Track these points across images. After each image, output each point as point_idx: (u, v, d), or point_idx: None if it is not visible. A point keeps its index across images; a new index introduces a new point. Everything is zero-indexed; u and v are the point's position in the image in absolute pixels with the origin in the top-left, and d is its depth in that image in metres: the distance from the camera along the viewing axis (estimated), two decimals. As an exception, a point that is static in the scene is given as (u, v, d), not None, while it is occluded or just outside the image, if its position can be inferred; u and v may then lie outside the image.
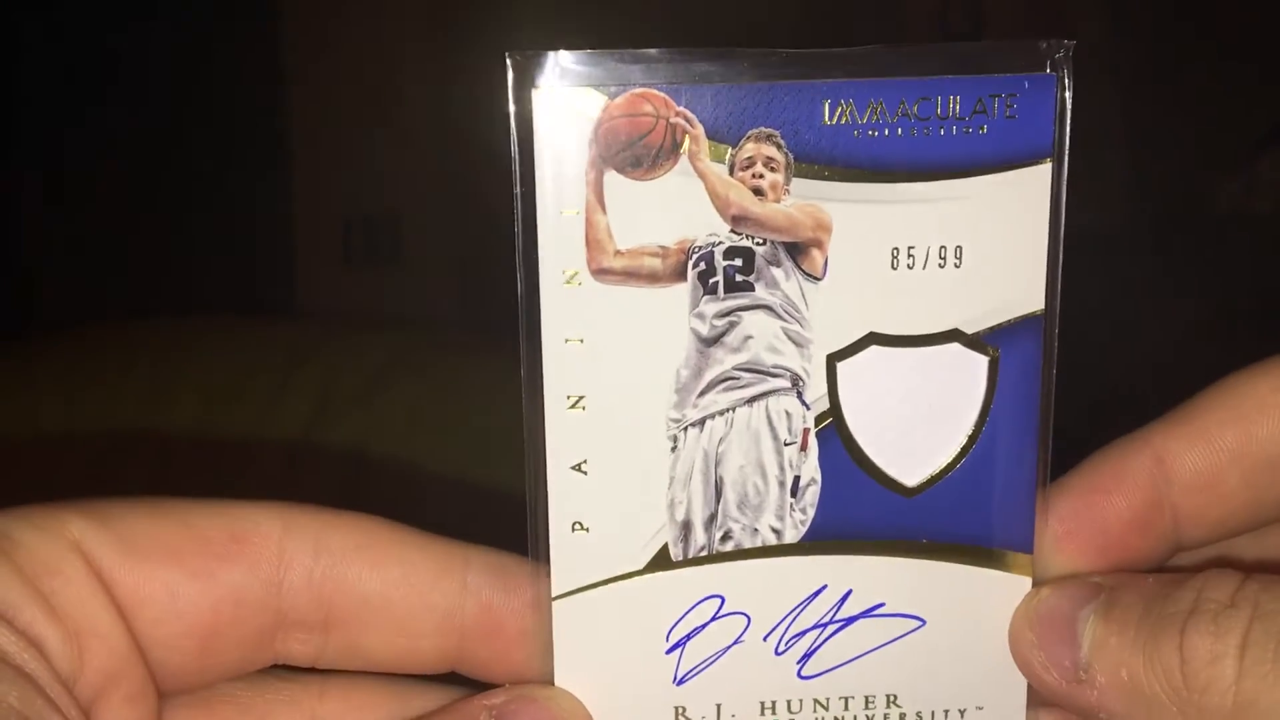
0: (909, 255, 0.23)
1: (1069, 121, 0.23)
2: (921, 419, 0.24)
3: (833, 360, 0.23)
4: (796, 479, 0.24)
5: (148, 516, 0.23)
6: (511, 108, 0.22)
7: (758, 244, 0.23)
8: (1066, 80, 0.23)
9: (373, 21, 1.13)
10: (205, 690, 0.24)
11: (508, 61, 0.22)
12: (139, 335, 0.71)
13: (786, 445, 0.24)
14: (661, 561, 0.24)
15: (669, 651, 0.24)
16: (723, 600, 0.24)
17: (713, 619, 0.24)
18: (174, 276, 1.02)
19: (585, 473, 0.23)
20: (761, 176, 0.22)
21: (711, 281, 0.23)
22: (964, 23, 1.02)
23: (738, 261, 0.23)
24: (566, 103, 0.22)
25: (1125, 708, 0.22)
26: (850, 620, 0.24)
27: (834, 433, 0.24)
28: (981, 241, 0.23)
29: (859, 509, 0.24)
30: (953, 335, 0.24)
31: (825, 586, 0.24)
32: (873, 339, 0.23)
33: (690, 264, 0.23)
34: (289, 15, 1.14)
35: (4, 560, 0.21)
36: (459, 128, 1.12)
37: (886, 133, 0.23)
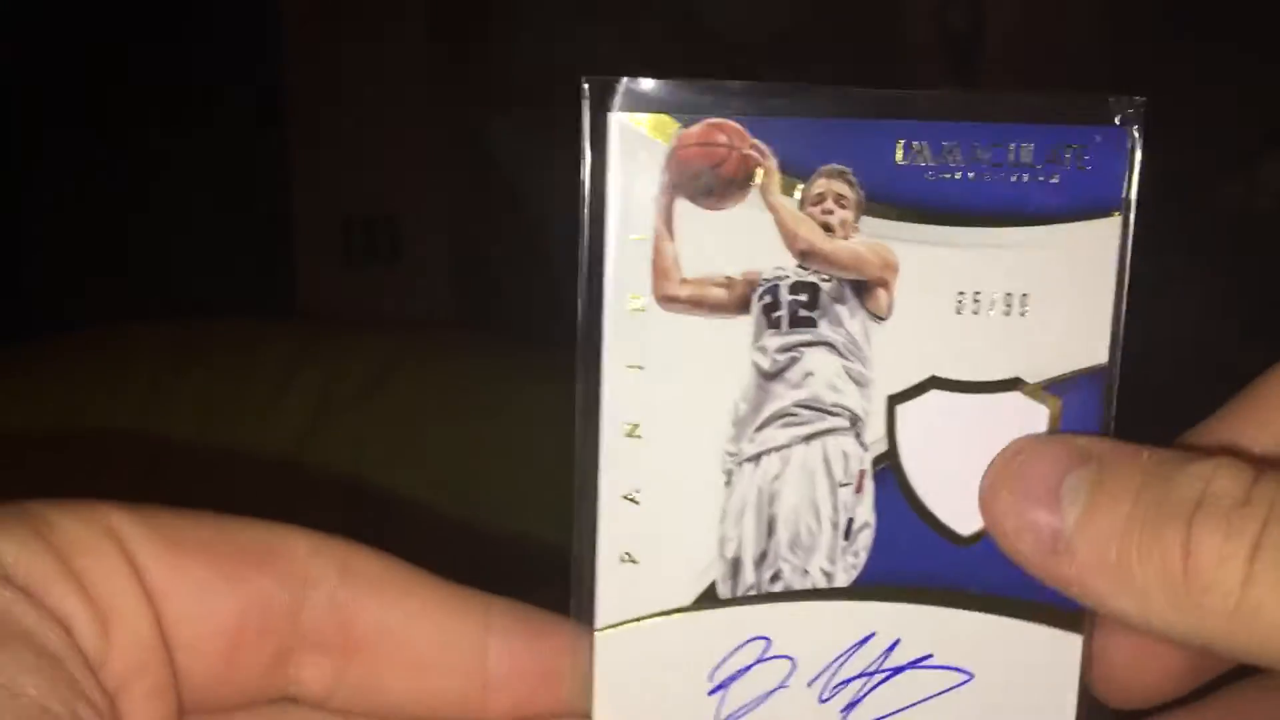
0: (974, 300, 0.23)
1: (1137, 177, 0.23)
2: (979, 467, 0.24)
3: (893, 402, 0.23)
4: (850, 521, 0.23)
5: (183, 517, 0.23)
6: (586, 130, 0.22)
7: (824, 280, 0.23)
8: (1137, 136, 0.23)
9: (373, 22, 1.14)
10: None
11: (583, 84, 0.22)
12: (138, 336, 0.71)
13: (842, 486, 0.23)
14: (709, 599, 0.23)
15: (712, 693, 0.24)
16: (769, 642, 0.24)
17: (758, 661, 0.24)
18: (173, 277, 1.02)
19: (637, 502, 0.23)
20: (831, 213, 0.22)
21: (775, 315, 0.23)
22: (964, 22, 1.02)
23: (803, 297, 0.23)
24: (641, 128, 0.22)
25: (1107, 588, 0.21)
26: (897, 670, 0.24)
27: (890, 476, 0.23)
28: (1047, 291, 0.23)
29: (911, 556, 0.24)
30: (1014, 384, 0.23)
31: (873, 634, 0.24)
32: (934, 383, 0.23)
33: (755, 297, 0.23)
34: (289, 15, 1.15)
35: (35, 537, 0.21)
36: (459, 128, 1.13)
37: (958, 176, 0.23)
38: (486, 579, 0.24)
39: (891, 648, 0.24)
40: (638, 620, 0.23)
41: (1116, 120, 0.23)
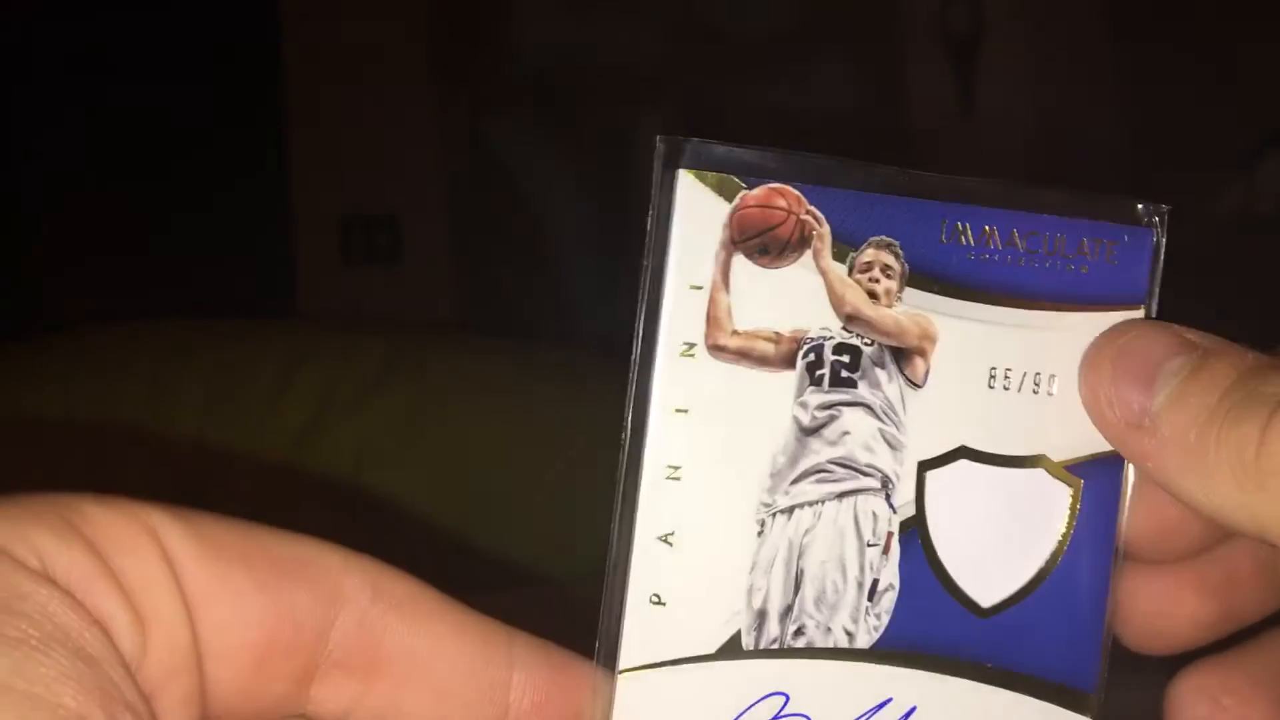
0: (1005, 377, 0.24)
1: (1160, 274, 0.25)
2: (1002, 540, 0.24)
3: (923, 467, 0.24)
4: (875, 582, 0.24)
5: (222, 522, 0.22)
6: (656, 185, 0.23)
7: (866, 344, 0.24)
8: (1162, 238, 0.25)
9: (372, 21, 1.15)
10: None
11: (658, 143, 0.23)
12: (139, 335, 0.71)
13: (869, 546, 0.24)
14: (732, 648, 0.24)
15: (728, 745, 0.24)
16: (787, 699, 0.24)
17: (775, 718, 0.24)
18: (174, 277, 1.02)
19: (671, 544, 0.23)
20: (877, 281, 0.24)
21: (818, 373, 0.24)
22: (964, 22, 1.05)
23: (845, 358, 0.24)
24: (707, 186, 0.23)
25: (1179, 466, 0.22)
26: (911, 739, 0.24)
27: (916, 540, 0.24)
28: (1072, 374, 0.24)
29: (932, 622, 0.24)
30: (1039, 461, 0.24)
31: (890, 699, 0.24)
32: (963, 452, 0.24)
33: (800, 354, 0.24)
34: (289, 15, 1.17)
35: (75, 534, 0.20)
36: (459, 128, 1.14)
37: (996, 258, 0.24)
38: (482, 578, 0.24)
39: (907, 715, 0.24)
40: (661, 665, 0.23)
41: (1144, 222, 0.24)
